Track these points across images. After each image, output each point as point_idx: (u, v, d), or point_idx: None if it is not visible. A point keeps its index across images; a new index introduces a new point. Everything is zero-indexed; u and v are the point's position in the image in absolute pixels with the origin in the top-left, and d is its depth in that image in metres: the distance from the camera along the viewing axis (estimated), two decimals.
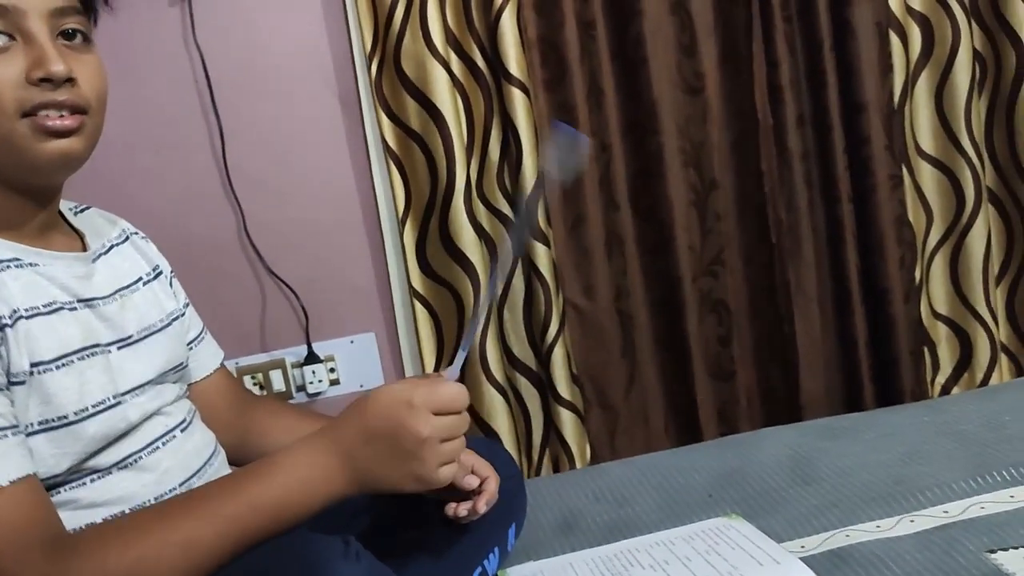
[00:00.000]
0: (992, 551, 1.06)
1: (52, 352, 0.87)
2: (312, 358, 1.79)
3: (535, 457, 1.82)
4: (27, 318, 0.86)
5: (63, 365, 0.87)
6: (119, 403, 0.92)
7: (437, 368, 1.77)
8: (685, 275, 1.78)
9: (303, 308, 1.78)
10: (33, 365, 0.84)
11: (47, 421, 0.85)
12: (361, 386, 1.83)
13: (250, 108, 1.74)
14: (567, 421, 1.77)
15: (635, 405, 1.86)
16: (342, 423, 0.89)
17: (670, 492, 1.38)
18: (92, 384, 0.89)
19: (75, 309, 0.92)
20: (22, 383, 0.83)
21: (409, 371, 1.81)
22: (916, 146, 1.82)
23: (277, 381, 1.80)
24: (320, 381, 1.79)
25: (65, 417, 0.86)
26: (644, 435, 1.86)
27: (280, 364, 1.80)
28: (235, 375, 1.76)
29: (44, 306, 0.88)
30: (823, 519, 1.22)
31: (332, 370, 1.81)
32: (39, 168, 0.89)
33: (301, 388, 1.81)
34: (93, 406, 0.89)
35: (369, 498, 0.95)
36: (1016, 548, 1.06)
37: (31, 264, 0.90)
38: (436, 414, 0.87)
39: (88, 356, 0.91)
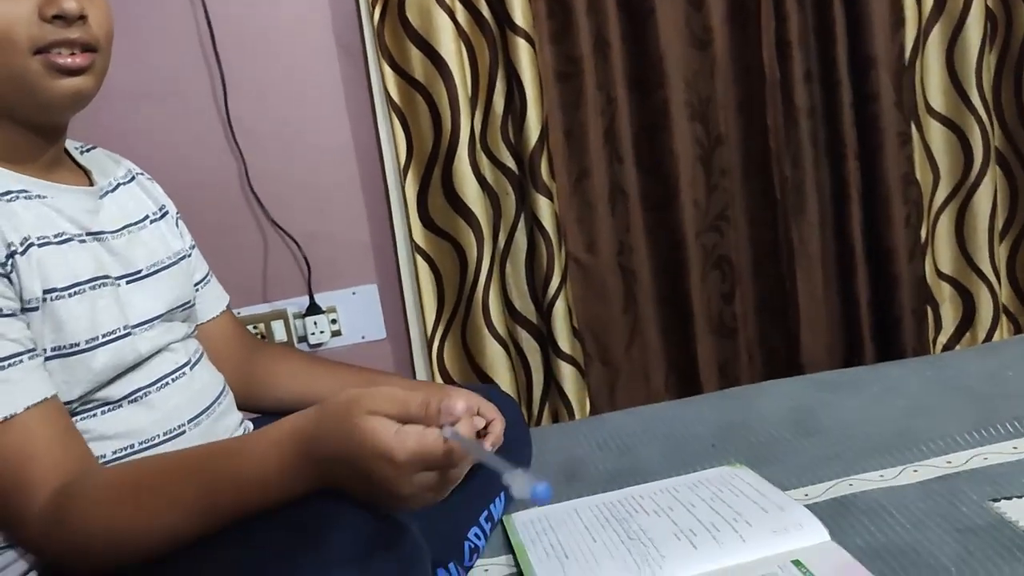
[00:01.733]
0: (995, 500, 1.07)
1: (64, 280, 0.87)
2: (314, 309, 1.79)
3: (535, 410, 1.82)
4: (39, 246, 0.86)
5: (75, 293, 0.87)
6: (129, 334, 0.93)
7: (440, 318, 1.76)
8: (689, 231, 1.78)
9: (305, 259, 1.77)
10: (46, 292, 0.84)
11: (59, 348, 0.85)
12: (363, 337, 1.83)
13: (252, 57, 1.71)
14: (568, 375, 1.77)
15: (636, 360, 1.86)
16: (322, 434, 0.76)
17: (673, 442, 1.38)
18: (103, 314, 0.90)
19: (84, 241, 0.93)
20: (35, 309, 0.84)
21: (413, 324, 1.81)
22: (926, 103, 1.81)
23: (279, 332, 1.79)
24: (322, 332, 1.79)
25: (77, 345, 0.86)
26: (644, 390, 1.86)
27: (282, 315, 1.80)
28: None
29: (54, 236, 0.89)
30: (826, 469, 1.22)
31: (334, 321, 1.80)
32: (50, 105, 0.89)
33: (303, 339, 1.81)
34: (104, 335, 0.89)
35: None
36: (1020, 497, 1.07)
37: (39, 196, 0.90)
38: (424, 470, 0.73)
39: (99, 287, 0.91)
